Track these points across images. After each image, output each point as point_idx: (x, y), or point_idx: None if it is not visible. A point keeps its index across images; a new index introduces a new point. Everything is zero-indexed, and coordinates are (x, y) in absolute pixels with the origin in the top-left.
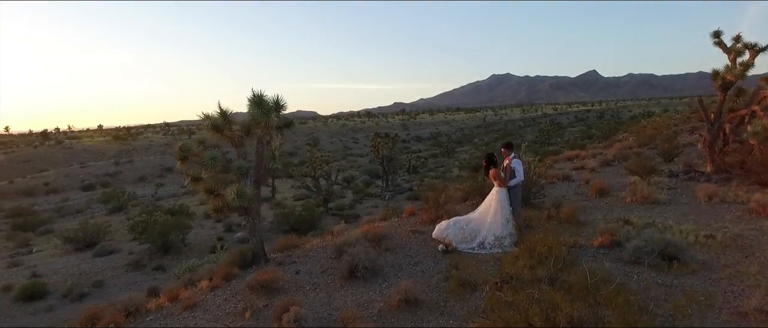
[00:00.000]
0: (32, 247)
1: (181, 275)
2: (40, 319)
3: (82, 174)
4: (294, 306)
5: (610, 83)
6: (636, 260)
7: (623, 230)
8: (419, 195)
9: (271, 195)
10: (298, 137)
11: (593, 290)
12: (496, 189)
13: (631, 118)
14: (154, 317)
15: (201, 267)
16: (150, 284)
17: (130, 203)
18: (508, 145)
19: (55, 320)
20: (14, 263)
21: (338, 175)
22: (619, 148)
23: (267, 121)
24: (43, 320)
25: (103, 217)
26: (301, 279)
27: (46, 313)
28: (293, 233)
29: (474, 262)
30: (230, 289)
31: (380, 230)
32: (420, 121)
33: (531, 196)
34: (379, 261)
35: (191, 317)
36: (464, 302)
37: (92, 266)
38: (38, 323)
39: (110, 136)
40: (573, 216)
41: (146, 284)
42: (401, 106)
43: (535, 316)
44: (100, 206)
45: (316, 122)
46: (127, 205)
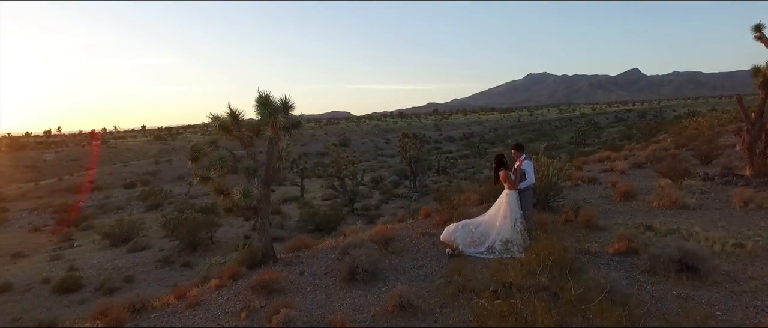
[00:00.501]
0: (74, 242)
1: (202, 273)
2: (73, 310)
3: (124, 173)
4: (284, 308)
5: (654, 82)
6: (651, 270)
7: (643, 236)
8: (445, 196)
9: (300, 194)
10: (330, 137)
11: (578, 302)
12: (506, 192)
13: (675, 118)
14: (158, 315)
15: (223, 265)
16: (177, 280)
17: (166, 201)
18: (518, 146)
19: (86, 312)
20: (56, 257)
21: (364, 175)
22: (654, 150)
23: (274, 121)
24: (76, 312)
25: (140, 214)
26: (304, 280)
27: (78, 305)
28: (318, 232)
29: (479, 267)
30: (234, 288)
31: (389, 232)
32: (452, 122)
33: (549, 199)
34: (381, 264)
35: (192, 316)
36: (460, 308)
37: (125, 262)
38: (70, 315)
39: (152, 136)
40: (591, 221)
41: (173, 280)
42: (434, 107)
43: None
44: (139, 204)
45: (349, 123)
46: (163, 202)
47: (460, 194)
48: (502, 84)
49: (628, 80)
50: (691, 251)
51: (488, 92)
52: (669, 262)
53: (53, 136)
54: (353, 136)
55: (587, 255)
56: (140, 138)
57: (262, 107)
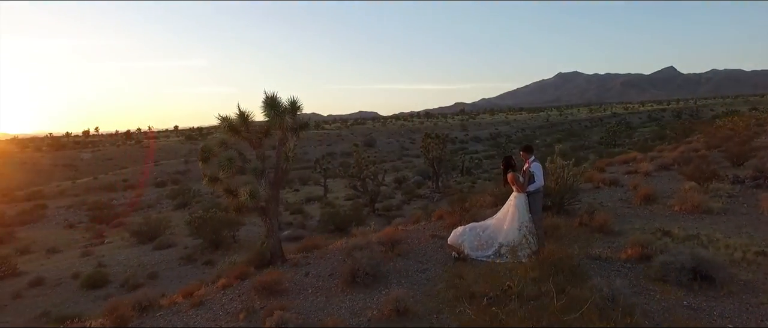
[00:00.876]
0: (105, 238)
1: (217, 272)
2: (98, 306)
3: (155, 172)
4: (279, 310)
5: (691, 80)
6: (662, 278)
7: (659, 242)
8: (457, 198)
9: (323, 194)
10: (357, 137)
11: (562, 312)
12: (514, 195)
13: (713, 117)
14: (164, 313)
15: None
16: (198, 278)
17: (193, 200)
18: (527, 148)
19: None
20: (86, 253)
21: (385, 175)
22: (682, 151)
23: (281, 122)
24: (100, 307)
25: (169, 212)
26: (308, 282)
27: (103, 300)
28: (338, 232)
29: (484, 271)
30: (239, 289)
31: (397, 234)
32: (479, 122)
33: (565, 202)
34: (385, 267)
35: (194, 315)
36: (458, 314)
37: (150, 259)
38: (96, 309)
39: (183, 136)
40: (606, 225)
41: (195, 277)
42: (462, 107)
43: None
44: (168, 202)
45: (375, 123)
46: (190, 201)
47: (473, 195)
48: (532, 83)
49: (663, 79)
50: (706, 259)
51: (517, 92)
52: (681, 270)
53: (91, 137)
54: (379, 136)
55: (597, 261)
56: (172, 138)
57: (269, 108)
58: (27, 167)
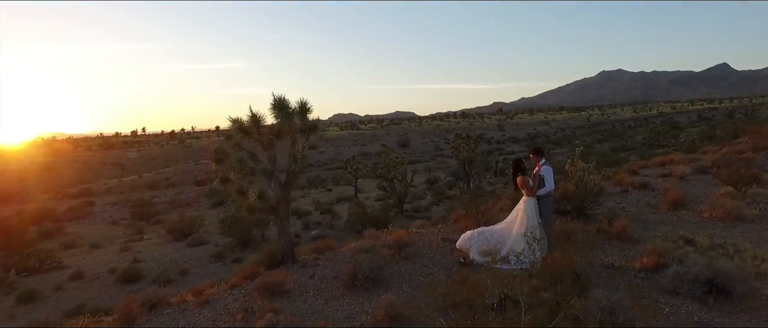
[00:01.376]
0: (144, 235)
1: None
2: None
3: (195, 171)
4: (270, 313)
5: (746, 77)
6: (674, 290)
7: (680, 251)
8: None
9: (354, 194)
10: (392, 138)
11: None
12: (524, 198)
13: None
14: (171, 311)
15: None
16: (226, 275)
17: (229, 199)
18: (537, 151)
19: None
20: (125, 248)
21: (414, 176)
22: (725, 153)
23: (290, 124)
24: None
25: (205, 210)
26: (312, 283)
27: (135, 295)
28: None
29: (487, 278)
30: (246, 289)
31: (406, 237)
32: (517, 122)
33: (585, 207)
34: (388, 270)
35: (198, 314)
36: (454, 322)
37: (183, 255)
38: None
39: (224, 136)
40: (625, 231)
41: (223, 274)
42: (500, 106)
43: None
44: (206, 200)
45: (411, 123)
46: (226, 200)
47: (490, 198)
48: (573, 82)
49: (715, 76)
50: (723, 271)
51: (558, 91)
52: (694, 282)
53: (138, 137)
54: (414, 136)
55: (609, 270)
56: (214, 138)
57: (278, 110)
58: (78, 166)
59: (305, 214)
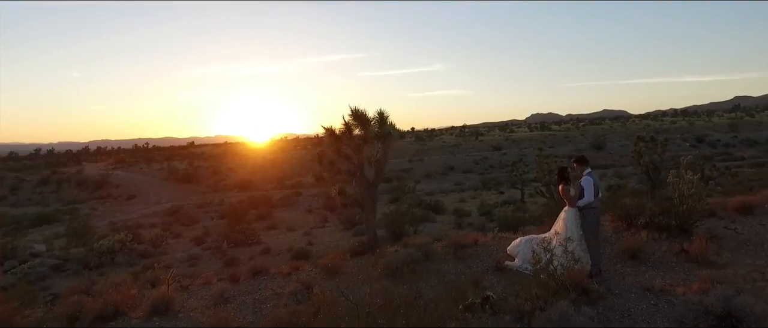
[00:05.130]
0: (326, 223)
1: None
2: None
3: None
4: (316, 286)
5: None
6: (680, 320)
7: (751, 284)
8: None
9: (520, 198)
10: (586, 139)
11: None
12: (566, 208)
13: None
14: (267, 278)
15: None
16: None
17: (405, 196)
18: (580, 159)
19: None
20: (307, 233)
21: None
22: None
23: (367, 132)
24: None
25: (384, 205)
26: (363, 269)
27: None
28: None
29: (503, 281)
30: (316, 268)
31: (471, 239)
32: (760, 120)
33: (685, 223)
34: (423, 265)
35: (282, 281)
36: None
37: (346, 243)
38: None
39: (414, 137)
40: (704, 254)
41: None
42: (738, 100)
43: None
44: (386, 196)
45: (614, 123)
46: (402, 196)
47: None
48: None
49: None
50: (741, 307)
51: None
52: (705, 314)
53: None
54: (614, 138)
55: (646, 291)
56: (407, 139)
57: (355, 120)
58: (294, 162)
59: (465, 214)
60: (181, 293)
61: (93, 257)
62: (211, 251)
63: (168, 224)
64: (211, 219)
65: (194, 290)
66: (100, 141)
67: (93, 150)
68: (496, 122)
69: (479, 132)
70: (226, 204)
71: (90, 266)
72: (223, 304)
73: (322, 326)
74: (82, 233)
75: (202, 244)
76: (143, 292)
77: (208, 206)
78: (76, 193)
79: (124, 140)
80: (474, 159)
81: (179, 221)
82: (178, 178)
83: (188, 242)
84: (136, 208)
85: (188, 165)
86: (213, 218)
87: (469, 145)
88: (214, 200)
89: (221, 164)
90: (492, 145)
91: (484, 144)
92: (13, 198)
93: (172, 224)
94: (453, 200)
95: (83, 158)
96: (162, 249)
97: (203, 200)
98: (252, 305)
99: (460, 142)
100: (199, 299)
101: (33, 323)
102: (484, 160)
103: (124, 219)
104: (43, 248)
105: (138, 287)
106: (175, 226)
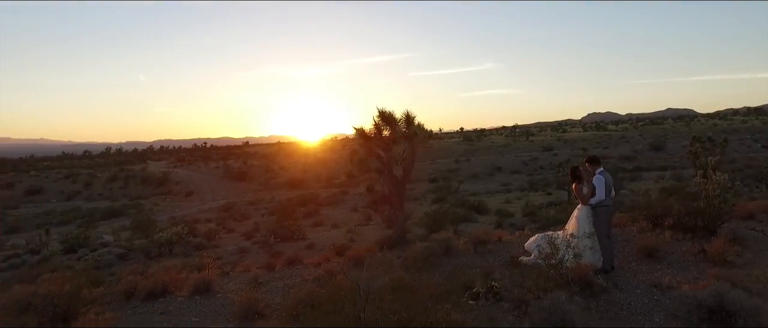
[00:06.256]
0: (370, 221)
1: None
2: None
3: (430, 169)
4: (340, 274)
5: None
6: (674, 313)
7: (759, 284)
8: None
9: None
10: (644, 139)
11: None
12: (579, 206)
13: None
14: (300, 267)
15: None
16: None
17: (450, 196)
18: (592, 159)
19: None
20: (350, 230)
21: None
22: None
23: (394, 132)
24: None
25: (428, 205)
26: (389, 260)
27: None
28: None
29: (520, 274)
30: (344, 259)
31: (493, 236)
32: None
33: (712, 224)
34: (440, 259)
35: (310, 270)
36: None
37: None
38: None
39: (462, 137)
40: (721, 255)
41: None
42: None
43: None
44: (430, 195)
45: (677, 123)
46: (447, 196)
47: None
48: None
49: None
50: (732, 301)
51: None
52: (698, 307)
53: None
54: (676, 138)
55: (656, 288)
56: (455, 139)
57: (381, 121)
58: (342, 161)
59: (507, 215)
60: (222, 277)
61: (153, 248)
62: (259, 246)
63: (222, 219)
64: (262, 215)
65: (234, 276)
66: (163, 141)
67: (157, 149)
68: (550, 122)
69: (530, 132)
70: (275, 201)
71: (151, 255)
72: (256, 287)
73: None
74: (145, 226)
75: (251, 238)
76: (189, 275)
77: (260, 203)
78: (141, 189)
79: (184, 140)
80: (523, 160)
81: (232, 217)
82: (233, 176)
83: (239, 237)
84: (194, 204)
85: (242, 164)
86: (263, 214)
87: (519, 145)
88: (265, 197)
89: (273, 162)
90: (542, 146)
91: (535, 144)
92: (87, 193)
93: (225, 220)
94: (498, 200)
95: (148, 157)
96: (215, 242)
97: (255, 198)
98: (281, 289)
99: (509, 142)
100: (237, 283)
101: (96, 296)
102: (533, 161)
103: (182, 214)
104: (111, 239)
105: (185, 271)
106: (228, 221)
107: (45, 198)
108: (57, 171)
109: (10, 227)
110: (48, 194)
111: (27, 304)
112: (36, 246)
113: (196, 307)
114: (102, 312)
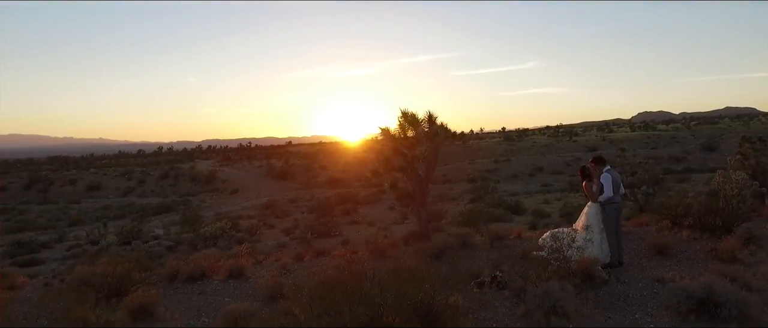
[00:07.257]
0: (405, 219)
1: None
2: None
3: (469, 169)
4: (359, 263)
5: None
6: (665, 304)
7: (763, 279)
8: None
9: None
10: (697, 140)
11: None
12: (589, 204)
13: None
14: (325, 258)
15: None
16: None
17: (487, 196)
18: (597, 159)
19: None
20: (385, 228)
21: (655, 184)
22: None
23: (417, 131)
24: None
25: (465, 204)
26: (407, 252)
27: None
28: None
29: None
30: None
31: (510, 232)
32: None
33: (730, 223)
34: (454, 252)
35: (321, 260)
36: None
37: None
38: None
39: (502, 137)
40: (731, 253)
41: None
42: None
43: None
44: (467, 195)
45: (734, 122)
46: (484, 196)
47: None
48: None
49: None
50: (720, 292)
51: None
52: (687, 298)
53: None
54: (732, 138)
55: (658, 282)
56: (496, 139)
57: (404, 120)
58: (381, 160)
59: (544, 215)
60: (256, 265)
61: (199, 241)
62: (297, 241)
63: (263, 216)
64: (301, 213)
65: (266, 265)
66: (211, 140)
67: (205, 148)
68: (596, 121)
69: (574, 132)
70: (315, 200)
71: (197, 248)
72: (284, 274)
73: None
74: (193, 221)
75: (290, 234)
76: (225, 262)
77: (300, 201)
78: (190, 186)
79: (231, 139)
80: (565, 160)
81: (273, 214)
82: (275, 174)
83: (279, 233)
84: (239, 201)
85: (285, 163)
86: (303, 211)
87: (562, 145)
88: (305, 195)
89: (314, 162)
90: (586, 146)
91: (578, 145)
92: (140, 189)
93: (267, 217)
94: (536, 201)
95: (196, 156)
96: (256, 237)
97: (296, 196)
98: (306, 276)
99: (552, 142)
100: (267, 271)
101: (144, 277)
102: (576, 162)
103: (227, 211)
104: (161, 232)
105: (223, 259)
106: (270, 218)
107: (103, 194)
108: (114, 169)
109: (72, 220)
110: (106, 190)
111: (87, 282)
112: (95, 237)
113: (230, 289)
114: (148, 290)
